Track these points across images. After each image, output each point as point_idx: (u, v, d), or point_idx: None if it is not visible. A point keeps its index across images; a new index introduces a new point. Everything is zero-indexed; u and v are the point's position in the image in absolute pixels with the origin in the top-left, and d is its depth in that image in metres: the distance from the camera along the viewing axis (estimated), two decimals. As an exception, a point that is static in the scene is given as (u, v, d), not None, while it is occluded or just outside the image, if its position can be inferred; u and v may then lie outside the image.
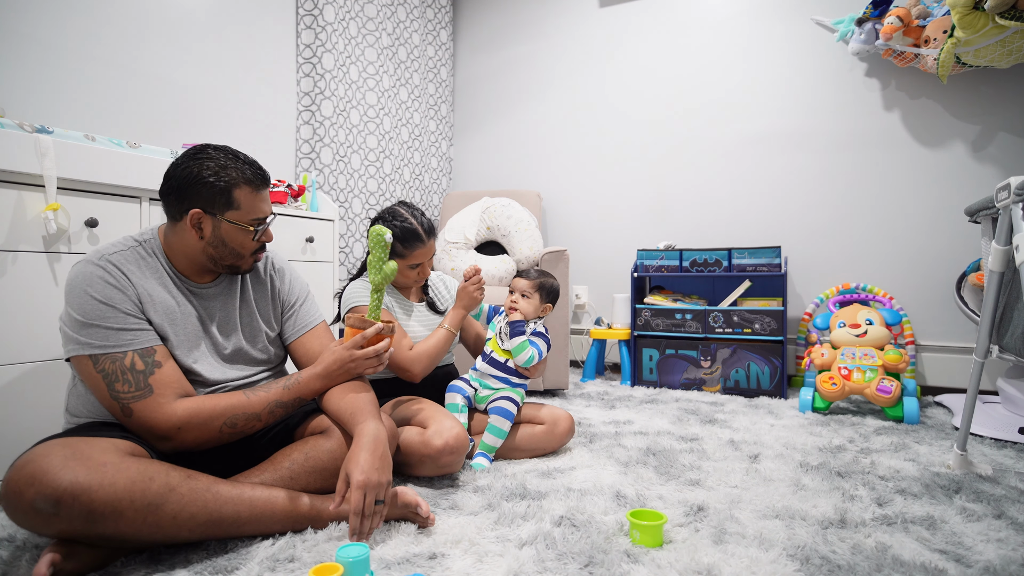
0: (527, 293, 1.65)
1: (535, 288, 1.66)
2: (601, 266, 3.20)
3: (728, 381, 2.52)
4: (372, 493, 1.05)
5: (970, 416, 1.49)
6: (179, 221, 1.17)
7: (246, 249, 1.22)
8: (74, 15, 1.85)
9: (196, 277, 1.23)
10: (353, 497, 1.04)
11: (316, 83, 2.66)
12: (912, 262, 2.55)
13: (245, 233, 1.20)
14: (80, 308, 1.06)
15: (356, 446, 1.09)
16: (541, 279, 1.67)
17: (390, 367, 1.55)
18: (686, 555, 1.02)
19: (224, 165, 1.16)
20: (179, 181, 1.15)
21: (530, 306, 1.65)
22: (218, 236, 1.18)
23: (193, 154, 1.18)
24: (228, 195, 1.16)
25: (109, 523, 0.90)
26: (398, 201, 1.66)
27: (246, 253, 1.23)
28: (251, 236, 1.21)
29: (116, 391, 1.05)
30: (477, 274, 1.65)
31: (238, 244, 1.20)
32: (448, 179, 3.60)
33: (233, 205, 1.17)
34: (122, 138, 1.79)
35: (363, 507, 1.04)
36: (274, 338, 1.35)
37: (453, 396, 1.62)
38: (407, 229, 1.58)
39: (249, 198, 1.19)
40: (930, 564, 0.99)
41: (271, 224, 1.26)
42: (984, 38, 2.02)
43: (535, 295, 1.66)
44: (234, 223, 1.18)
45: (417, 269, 1.64)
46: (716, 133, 2.92)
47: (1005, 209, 1.38)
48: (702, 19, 2.96)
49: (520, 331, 1.61)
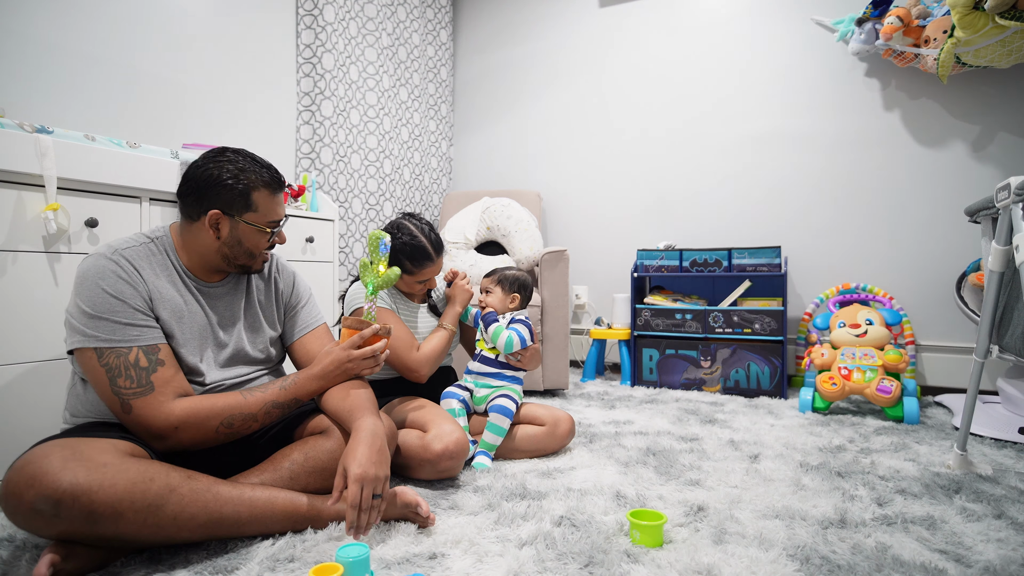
0: (489, 288, 1.73)
1: (495, 282, 1.73)
2: (601, 266, 3.20)
3: (728, 381, 2.52)
4: (369, 487, 1.04)
5: (970, 416, 1.49)
6: (196, 221, 1.19)
7: (259, 249, 1.25)
8: (74, 15, 1.85)
9: (205, 276, 1.24)
10: (350, 491, 1.03)
11: (316, 83, 2.66)
12: (912, 262, 2.55)
13: (261, 235, 1.23)
14: (90, 300, 1.06)
15: (354, 441, 1.09)
16: (500, 273, 1.75)
17: (399, 368, 1.57)
18: (686, 555, 1.02)
19: (243, 168, 1.20)
20: (199, 182, 1.18)
21: (495, 299, 1.71)
22: (235, 237, 1.20)
23: (213, 156, 1.21)
24: (247, 197, 1.19)
25: (109, 524, 0.89)
26: (404, 214, 1.67)
27: (258, 253, 1.26)
28: (266, 238, 1.25)
29: (118, 386, 1.05)
30: (456, 275, 1.75)
31: (253, 245, 1.23)
32: (448, 179, 3.60)
33: (251, 207, 1.20)
34: (122, 138, 1.79)
35: (360, 501, 1.03)
36: (275, 339, 1.35)
37: (449, 402, 1.62)
38: (416, 247, 1.60)
39: (267, 201, 1.22)
40: (930, 564, 0.99)
41: (284, 226, 1.29)
42: (984, 38, 2.02)
43: (496, 288, 1.72)
44: (252, 224, 1.21)
45: (425, 283, 1.67)
46: (716, 133, 2.92)
47: (1005, 209, 1.38)
48: (702, 19, 2.96)
49: (493, 319, 1.67)
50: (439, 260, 1.65)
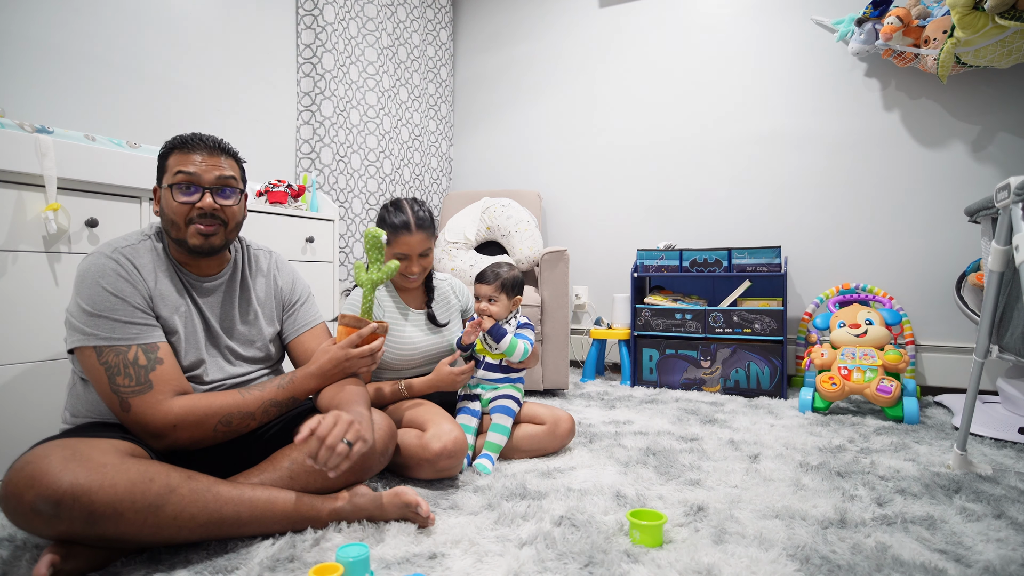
0: (493, 297, 1.62)
1: (499, 289, 1.62)
2: (601, 266, 3.20)
3: (728, 381, 2.52)
4: (342, 427, 1.01)
5: (970, 416, 1.49)
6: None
7: (178, 215, 1.15)
8: (74, 15, 1.85)
9: (195, 268, 1.23)
10: (323, 421, 1.00)
11: (316, 83, 2.66)
12: (912, 262, 2.55)
13: (169, 195, 1.15)
14: (90, 299, 1.06)
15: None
16: (501, 278, 1.63)
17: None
18: (686, 555, 1.02)
19: (173, 138, 1.19)
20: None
21: (500, 307, 1.63)
22: (162, 207, 1.18)
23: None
24: (164, 161, 1.19)
25: (110, 524, 0.89)
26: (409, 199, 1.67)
27: (180, 220, 1.15)
28: (179, 199, 1.14)
29: (117, 384, 1.05)
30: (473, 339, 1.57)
31: (171, 210, 1.15)
32: (448, 179, 3.60)
33: (166, 170, 1.18)
34: (122, 138, 1.79)
35: (328, 433, 1.00)
36: (273, 336, 1.35)
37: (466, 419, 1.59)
38: (399, 218, 1.58)
39: (177, 159, 1.17)
40: (930, 564, 0.99)
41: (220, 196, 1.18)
42: (984, 38, 2.02)
43: (501, 295, 1.63)
44: (165, 187, 1.17)
45: (405, 262, 1.60)
46: (716, 133, 2.92)
47: (1005, 209, 1.38)
48: (702, 19, 2.96)
49: (502, 333, 1.59)
50: (417, 235, 1.57)
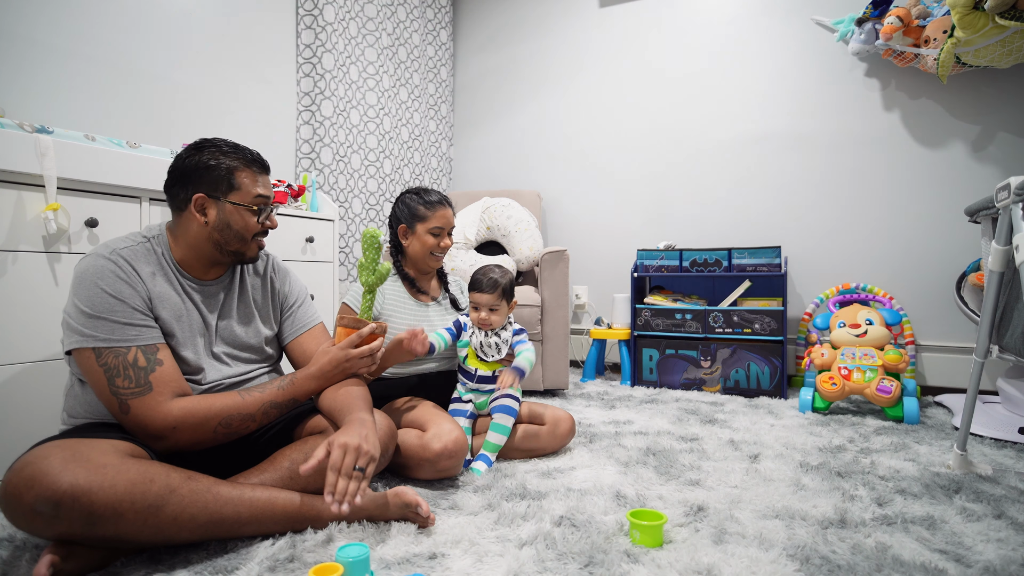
0: (495, 306, 1.59)
1: (500, 297, 1.59)
2: (601, 266, 3.20)
3: (728, 381, 2.51)
4: (352, 455, 1.02)
5: (970, 416, 1.49)
6: (184, 211, 1.20)
7: (249, 231, 1.23)
8: (74, 15, 1.85)
9: (200, 273, 1.24)
10: (333, 454, 1.02)
11: (316, 83, 2.66)
12: (912, 262, 2.55)
13: (248, 214, 1.22)
14: (89, 300, 1.06)
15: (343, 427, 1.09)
16: (500, 286, 1.59)
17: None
18: (686, 555, 1.02)
19: (225, 152, 1.21)
20: (182, 171, 1.19)
21: (501, 316, 1.60)
22: (222, 220, 1.20)
23: (194, 146, 1.22)
24: (230, 177, 1.20)
25: (109, 525, 0.89)
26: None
27: (248, 236, 1.24)
28: (255, 218, 1.23)
29: (116, 386, 1.04)
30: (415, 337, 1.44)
31: (241, 226, 1.22)
32: (448, 179, 3.59)
33: (235, 187, 1.20)
34: (122, 138, 1.79)
35: (341, 465, 1.01)
36: (271, 338, 1.35)
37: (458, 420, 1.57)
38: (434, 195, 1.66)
39: (250, 179, 1.22)
40: (930, 564, 0.99)
41: (274, 213, 1.29)
42: (984, 38, 2.02)
43: (502, 303, 1.59)
44: (237, 204, 1.20)
45: (438, 238, 1.66)
46: (716, 133, 2.92)
47: (1005, 209, 1.38)
48: (702, 19, 2.96)
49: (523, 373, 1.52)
50: (450, 209, 1.68)
